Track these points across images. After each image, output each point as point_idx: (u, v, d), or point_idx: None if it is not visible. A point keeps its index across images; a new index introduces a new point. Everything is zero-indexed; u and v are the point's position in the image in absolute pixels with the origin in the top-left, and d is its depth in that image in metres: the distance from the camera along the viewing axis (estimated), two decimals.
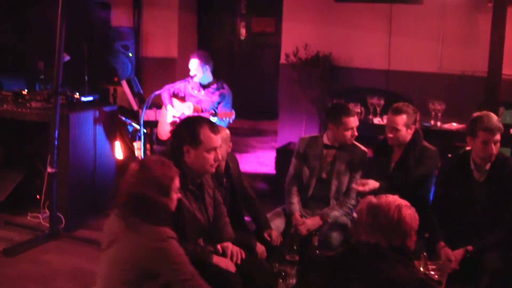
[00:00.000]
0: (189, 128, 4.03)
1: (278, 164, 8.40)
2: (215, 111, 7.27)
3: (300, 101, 9.00)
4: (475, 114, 4.78)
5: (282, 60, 9.26)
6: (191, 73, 7.32)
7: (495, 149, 4.63)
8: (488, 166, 4.75)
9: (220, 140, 4.18)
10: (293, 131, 9.11)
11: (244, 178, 5.52)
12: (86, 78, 8.05)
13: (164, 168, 3.43)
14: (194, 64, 7.30)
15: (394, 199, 3.23)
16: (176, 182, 3.48)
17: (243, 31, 10.66)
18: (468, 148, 4.90)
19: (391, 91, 8.48)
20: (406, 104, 5.34)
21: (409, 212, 3.17)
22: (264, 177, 8.67)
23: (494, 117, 4.68)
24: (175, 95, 7.56)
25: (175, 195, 3.50)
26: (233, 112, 7.00)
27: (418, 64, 8.63)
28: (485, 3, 7.99)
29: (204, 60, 7.32)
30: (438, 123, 7.12)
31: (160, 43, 10.21)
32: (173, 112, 7.43)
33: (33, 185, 7.27)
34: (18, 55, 8.85)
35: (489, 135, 4.59)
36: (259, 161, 9.28)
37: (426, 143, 5.39)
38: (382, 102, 7.44)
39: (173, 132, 4.24)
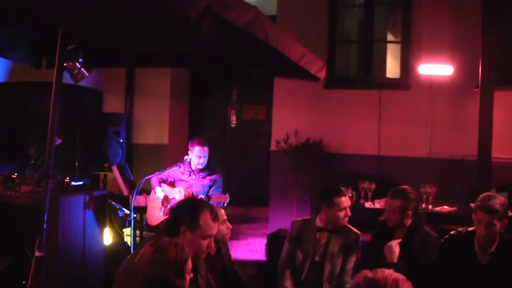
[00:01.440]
0: (190, 210, 3.95)
1: (269, 250, 8.28)
2: (208, 196, 7.22)
3: (291, 188, 8.99)
4: (484, 193, 4.71)
5: (273, 147, 9.32)
6: (198, 162, 7.33)
7: (486, 230, 4.52)
8: (493, 249, 4.64)
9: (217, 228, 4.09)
10: (284, 218, 9.03)
11: (235, 263, 5.43)
12: (77, 163, 8.02)
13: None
14: (204, 152, 7.33)
15: (390, 273, 3.14)
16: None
17: (234, 118, 10.76)
18: (471, 228, 4.79)
19: (382, 176, 8.50)
20: (403, 189, 5.27)
21: (406, 287, 3.09)
22: (255, 264, 8.51)
23: (497, 198, 4.58)
24: (164, 181, 7.53)
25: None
26: (227, 195, 6.96)
27: (408, 149, 8.71)
28: (472, 88, 8.17)
29: (209, 147, 7.41)
30: (430, 206, 7.10)
31: (151, 130, 10.27)
32: (163, 193, 7.38)
33: (20, 270, 7.07)
34: (10, 140, 8.87)
35: (483, 214, 4.53)
36: (250, 248, 9.14)
37: (428, 229, 5.28)
38: (373, 186, 7.45)
39: (172, 209, 4.17)
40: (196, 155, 7.33)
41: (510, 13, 7.39)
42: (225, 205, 6.92)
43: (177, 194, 7.30)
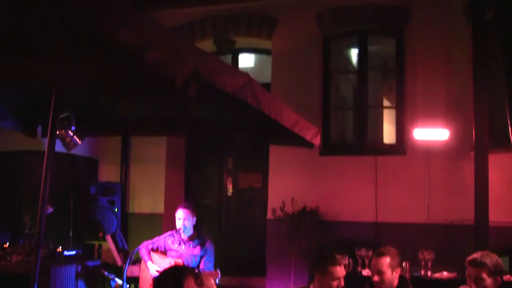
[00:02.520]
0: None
1: None
2: (198, 270, 7.05)
3: (288, 256, 8.86)
4: None
5: (269, 215, 9.25)
6: (178, 226, 7.21)
7: (476, 285, 4.42)
8: None
9: None
10: (281, 287, 8.88)
11: None
12: (71, 232, 7.93)
13: None
14: (184, 214, 7.20)
15: None
16: None
17: (230, 186, 10.70)
18: None
19: (380, 242, 8.37)
20: (388, 247, 5.24)
21: None
22: None
23: (488, 255, 4.51)
24: (154, 250, 7.39)
25: None
26: (218, 272, 6.72)
27: (405, 215, 8.62)
28: (468, 152, 8.15)
29: (192, 211, 7.26)
30: (429, 273, 6.97)
31: (147, 198, 10.20)
32: (155, 267, 7.22)
33: None
34: (4, 209, 8.81)
35: (471, 268, 4.48)
36: None
37: None
38: (370, 253, 7.34)
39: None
40: (178, 218, 7.22)
41: (500, 78, 7.45)
42: (218, 281, 6.68)
43: (168, 266, 7.14)
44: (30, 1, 2.79)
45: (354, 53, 10.17)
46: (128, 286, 7.01)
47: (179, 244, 7.29)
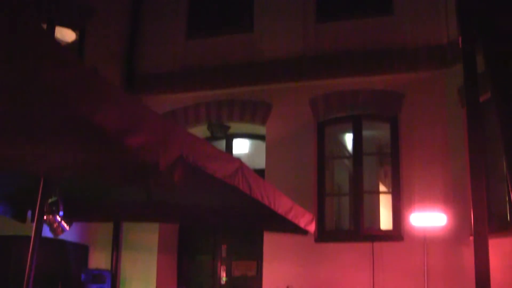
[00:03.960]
0: None
1: None
2: None
3: None
4: None
5: None
6: None
7: None
8: None
9: None
10: None
11: None
12: None
13: None
14: None
15: None
16: None
17: (223, 275, 10.43)
18: None
19: None
20: None
21: None
22: None
23: None
24: None
25: None
26: None
27: None
28: (466, 237, 7.98)
29: None
30: None
31: (138, 287, 9.91)
32: None
33: None
34: None
35: None
36: None
37: None
38: None
39: None
40: None
41: (498, 159, 7.40)
42: None
43: None
44: (10, 85, 2.73)
45: (348, 138, 10.18)
46: None
47: None
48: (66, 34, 10.82)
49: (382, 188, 10.82)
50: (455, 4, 8.34)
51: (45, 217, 5.64)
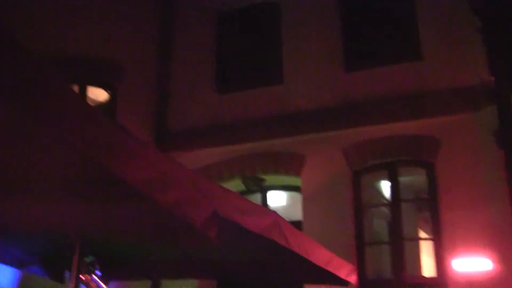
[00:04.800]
0: None
1: None
2: None
3: None
4: None
5: None
6: None
7: None
8: None
9: None
10: None
11: None
12: None
13: None
14: None
15: None
16: None
17: None
18: None
19: None
20: None
21: None
22: None
23: None
24: None
25: None
26: None
27: None
28: None
29: None
30: None
31: None
32: None
33: None
34: None
35: None
36: None
37: None
38: None
39: None
40: None
41: None
42: None
43: None
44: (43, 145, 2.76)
45: (385, 185, 10.02)
46: None
47: None
48: (98, 94, 11.06)
49: (422, 234, 10.60)
50: (486, 45, 8.29)
51: (82, 277, 5.61)
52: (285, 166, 10.01)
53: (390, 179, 9.44)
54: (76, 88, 10.34)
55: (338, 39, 10.16)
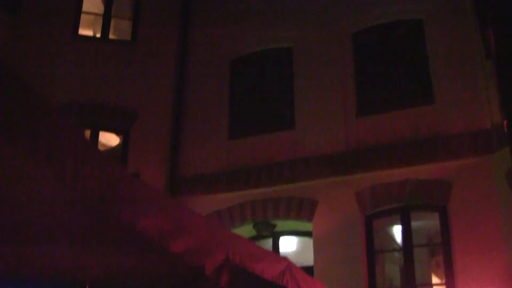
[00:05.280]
0: None
1: None
2: None
3: None
4: None
5: None
6: None
7: None
8: None
9: None
10: None
11: None
12: None
13: None
14: None
15: None
16: None
17: None
18: None
19: None
20: None
21: None
22: None
23: None
24: None
25: None
26: None
27: None
28: None
29: None
30: None
31: None
32: None
33: None
34: None
35: None
36: None
37: None
38: None
39: None
40: None
41: None
42: None
43: None
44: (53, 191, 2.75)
45: (397, 230, 9.93)
46: None
47: None
48: (110, 139, 11.11)
49: (435, 279, 10.44)
50: (498, 88, 8.29)
51: None
52: (297, 211, 9.94)
53: (402, 224, 9.36)
54: (88, 133, 10.42)
55: (350, 84, 10.21)
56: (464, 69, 9.50)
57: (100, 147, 10.19)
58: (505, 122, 7.02)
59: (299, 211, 9.92)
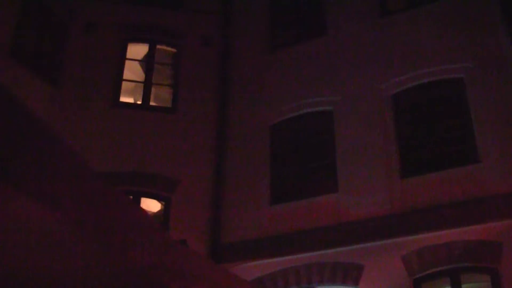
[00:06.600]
0: None
1: None
2: None
3: None
4: None
5: None
6: None
7: None
8: None
9: None
10: None
11: None
12: None
13: None
14: None
15: None
16: None
17: None
18: None
19: None
20: None
21: None
22: None
23: None
24: None
25: None
26: None
27: None
28: None
29: None
30: None
31: None
32: None
33: None
34: None
35: None
36: None
37: None
38: None
39: None
40: None
41: None
42: None
43: None
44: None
45: None
46: None
47: None
48: (150, 205, 11.11)
49: None
50: None
51: None
52: (343, 276, 9.69)
53: (452, 287, 9.01)
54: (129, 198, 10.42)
55: (392, 145, 10.10)
56: (507, 127, 9.32)
57: None
58: None
59: (345, 276, 9.67)
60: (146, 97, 11.84)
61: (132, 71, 12.23)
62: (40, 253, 2.49)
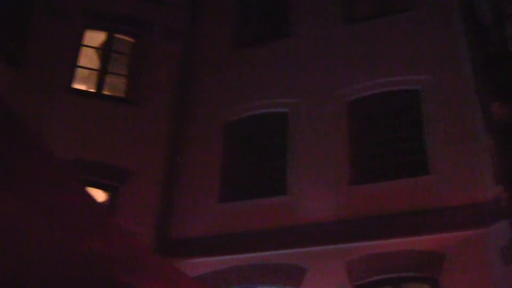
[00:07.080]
0: None
1: None
2: None
3: None
4: None
5: None
6: None
7: None
8: None
9: None
10: None
11: None
12: None
13: None
14: None
15: None
16: None
17: None
18: None
19: None
20: None
21: None
22: None
23: None
24: None
25: None
26: None
27: None
28: None
29: None
30: None
31: None
32: None
33: None
34: None
35: None
36: None
37: None
38: None
39: None
40: None
41: None
42: None
43: None
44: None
45: None
46: None
47: None
48: (95, 195, 10.89)
49: None
50: (496, 161, 8.26)
51: None
52: (285, 278, 9.70)
53: None
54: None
55: (344, 152, 10.15)
56: (459, 142, 9.49)
57: None
58: (504, 195, 6.96)
59: (287, 278, 9.68)
60: (100, 86, 11.66)
61: (90, 59, 12.02)
62: None
